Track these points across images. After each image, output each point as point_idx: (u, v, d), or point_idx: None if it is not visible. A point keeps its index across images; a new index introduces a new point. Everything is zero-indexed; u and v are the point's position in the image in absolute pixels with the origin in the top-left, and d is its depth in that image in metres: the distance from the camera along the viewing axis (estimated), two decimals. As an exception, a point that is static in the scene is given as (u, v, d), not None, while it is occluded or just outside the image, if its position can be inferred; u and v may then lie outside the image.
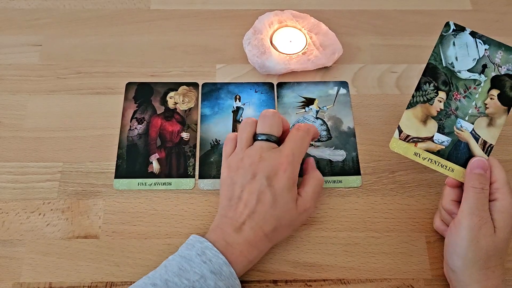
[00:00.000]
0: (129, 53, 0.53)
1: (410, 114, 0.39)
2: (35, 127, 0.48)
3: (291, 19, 0.53)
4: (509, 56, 0.39)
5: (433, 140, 0.39)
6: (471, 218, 0.36)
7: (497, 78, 0.39)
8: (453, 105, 0.39)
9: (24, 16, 0.55)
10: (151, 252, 0.42)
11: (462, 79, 0.39)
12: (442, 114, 0.39)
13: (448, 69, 0.39)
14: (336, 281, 0.41)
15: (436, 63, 0.40)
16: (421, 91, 0.39)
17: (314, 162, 0.44)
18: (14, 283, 0.41)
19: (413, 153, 0.39)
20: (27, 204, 0.44)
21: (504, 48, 0.40)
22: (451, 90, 0.39)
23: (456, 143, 0.39)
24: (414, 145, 0.39)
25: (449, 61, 0.39)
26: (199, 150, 0.47)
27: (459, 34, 0.40)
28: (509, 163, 0.47)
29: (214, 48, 0.54)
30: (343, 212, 0.44)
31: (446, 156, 0.39)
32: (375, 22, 0.56)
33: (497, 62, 0.39)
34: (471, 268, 0.36)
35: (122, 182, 0.45)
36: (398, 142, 0.39)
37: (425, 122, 0.39)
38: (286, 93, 0.51)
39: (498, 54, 0.39)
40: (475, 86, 0.39)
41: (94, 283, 0.41)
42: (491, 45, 0.40)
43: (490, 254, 0.36)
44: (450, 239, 0.37)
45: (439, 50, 0.40)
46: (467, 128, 0.39)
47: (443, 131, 0.39)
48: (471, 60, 0.39)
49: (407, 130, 0.39)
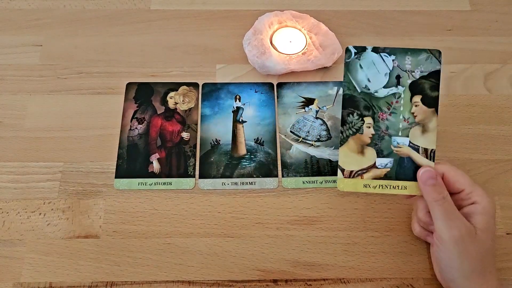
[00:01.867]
0: (129, 53, 0.53)
1: (345, 150, 0.38)
2: (35, 127, 0.48)
3: (291, 19, 0.53)
4: (417, 58, 0.38)
5: (377, 166, 0.38)
6: (450, 231, 0.35)
7: (414, 84, 0.38)
8: (383, 125, 0.38)
9: (25, 16, 0.56)
10: (152, 252, 0.42)
11: (381, 97, 0.38)
12: (375, 138, 0.38)
13: (365, 93, 0.38)
14: (336, 281, 0.41)
15: (351, 92, 0.38)
16: (347, 124, 0.38)
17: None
18: (14, 283, 0.41)
19: (362, 186, 0.38)
20: (28, 203, 0.44)
21: (410, 52, 0.38)
22: (375, 112, 0.38)
23: (399, 161, 0.38)
24: (360, 178, 0.38)
25: (362, 85, 0.38)
26: (199, 150, 0.47)
27: (362, 55, 0.38)
28: (509, 163, 0.47)
29: (214, 48, 0.54)
30: (343, 212, 0.44)
31: (394, 176, 0.38)
32: (375, 22, 0.56)
33: (408, 68, 0.38)
34: (470, 275, 0.36)
35: (123, 182, 0.45)
36: (345, 181, 0.38)
37: (363, 152, 0.38)
38: (286, 93, 0.51)
39: (407, 60, 0.38)
40: (397, 100, 0.38)
41: (95, 283, 0.41)
42: (397, 54, 0.38)
43: (483, 256, 0.36)
44: (441, 255, 0.37)
45: (349, 78, 0.38)
46: (404, 143, 0.38)
47: (382, 154, 0.38)
48: (383, 76, 0.38)
49: (349, 166, 0.38)
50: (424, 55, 0.38)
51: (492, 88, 0.51)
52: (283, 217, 0.44)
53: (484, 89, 0.51)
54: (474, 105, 0.50)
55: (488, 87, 0.51)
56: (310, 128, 0.49)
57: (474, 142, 0.48)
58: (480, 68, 0.52)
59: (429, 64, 0.38)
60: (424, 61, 0.38)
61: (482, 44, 0.54)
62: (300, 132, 0.48)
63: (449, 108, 0.50)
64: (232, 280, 0.41)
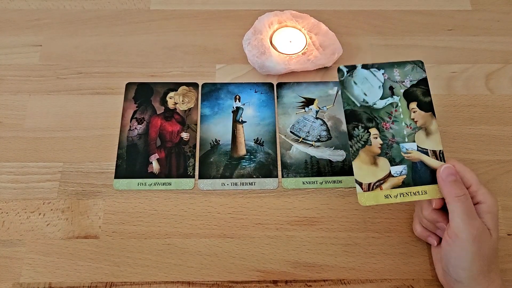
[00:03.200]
0: (129, 53, 0.53)
1: (358, 163, 0.39)
2: (35, 127, 0.48)
3: (291, 19, 0.53)
4: (404, 69, 0.41)
5: (393, 175, 0.39)
6: (468, 229, 0.35)
7: (407, 92, 0.40)
8: (388, 134, 0.39)
9: (24, 17, 0.56)
10: (151, 252, 0.42)
11: (381, 108, 0.40)
12: (384, 147, 0.39)
13: (364, 106, 0.40)
14: (336, 282, 0.41)
15: (351, 107, 0.40)
16: (355, 138, 0.39)
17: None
18: (14, 283, 0.41)
19: (383, 197, 0.38)
20: (27, 204, 0.44)
21: (396, 65, 0.41)
22: (378, 123, 0.40)
23: (412, 166, 0.39)
24: (380, 189, 0.38)
25: (360, 100, 0.40)
26: (199, 150, 0.47)
27: (354, 72, 0.41)
28: (510, 163, 0.47)
29: (214, 48, 0.54)
30: (343, 212, 0.44)
31: (412, 182, 0.38)
32: (375, 22, 0.56)
33: (398, 79, 0.40)
34: (478, 276, 0.35)
35: (122, 182, 0.45)
36: (365, 195, 0.38)
37: (375, 163, 0.39)
38: (286, 93, 0.51)
39: (395, 72, 0.41)
40: (395, 108, 0.40)
41: (94, 283, 0.41)
42: (385, 68, 0.41)
43: (491, 258, 0.36)
44: (451, 254, 0.36)
45: (346, 95, 0.40)
46: (413, 148, 0.39)
47: (395, 162, 0.39)
48: (378, 89, 0.40)
49: (365, 179, 0.38)
50: (409, 66, 0.41)
51: (493, 88, 0.51)
52: (283, 217, 0.44)
53: (485, 89, 0.51)
54: (475, 105, 0.50)
55: (489, 87, 0.51)
56: (310, 128, 0.48)
57: (475, 142, 0.48)
58: (481, 68, 0.52)
59: (416, 74, 0.41)
60: (410, 71, 0.41)
61: (484, 44, 0.54)
62: (300, 132, 0.48)
63: (450, 109, 0.50)
64: (232, 281, 0.41)
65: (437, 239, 0.40)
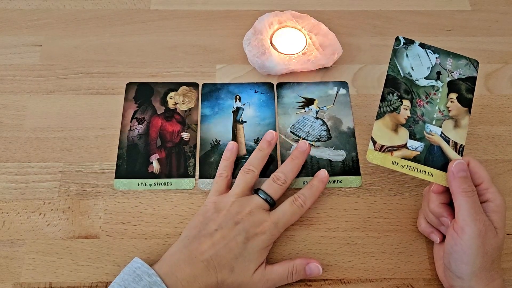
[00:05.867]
0: (129, 54, 0.53)
1: (380, 125, 0.40)
2: (35, 127, 0.48)
3: (291, 19, 0.53)
4: (458, 62, 0.42)
5: (408, 147, 0.39)
6: (475, 224, 0.35)
7: (452, 82, 0.41)
8: (419, 111, 0.40)
9: (24, 16, 0.56)
10: (152, 252, 0.42)
11: (422, 86, 0.41)
12: (410, 121, 0.40)
13: (407, 78, 0.41)
14: (336, 281, 0.41)
15: (395, 74, 0.41)
16: (386, 101, 0.40)
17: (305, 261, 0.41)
18: (14, 283, 0.41)
19: (391, 162, 0.39)
20: (28, 204, 0.44)
21: (452, 55, 0.42)
22: (413, 97, 0.40)
23: (429, 147, 0.39)
24: (390, 154, 0.39)
25: (406, 71, 0.41)
26: (199, 150, 0.47)
27: (409, 47, 0.42)
28: (509, 163, 0.47)
29: (214, 48, 0.54)
30: (343, 212, 0.44)
31: (423, 161, 0.39)
32: (375, 22, 0.56)
33: (448, 68, 0.41)
34: (480, 273, 0.36)
35: (123, 182, 0.45)
36: (374, 153, 0.39)
37: (396, 130, 0.40)
38: (286, 93, 0.51)
39: (448, 61, 0.41)
40: (435, 92, 0.41)
41: (95, 283, 0.41)
42: (440, 54, 0.42)
43: (494, 256, 0.36)
44: (455, 248, 0.36)
45: (394, 62, 0.41)
46: (436, 132, 0.40)
47: (415, 137, 0.40)
48: (426, 69, 0.41)
49: (381, 140, 0.39)
50: (463, 61, 0.42)
51: (492, 88, 0.51)
52: (283, 217, 0.44)
53: (484, 89, 0.51)
54: (474, 105, 0.50)
55: (488, 87, 0.51)
56: (310, 129, 0.49)
57: (474, 142, 0.48)
58: (480, 68, 0.52)
59: (467, 70, 0.42)
60: (463, 66, 0.42)
61: (483, 44, 0.54)
62: (300, 132, 0.48)
63: (450, 108, 0.50)
64: (232, 281, 0.41)
65: (440, 236, 0.40)
